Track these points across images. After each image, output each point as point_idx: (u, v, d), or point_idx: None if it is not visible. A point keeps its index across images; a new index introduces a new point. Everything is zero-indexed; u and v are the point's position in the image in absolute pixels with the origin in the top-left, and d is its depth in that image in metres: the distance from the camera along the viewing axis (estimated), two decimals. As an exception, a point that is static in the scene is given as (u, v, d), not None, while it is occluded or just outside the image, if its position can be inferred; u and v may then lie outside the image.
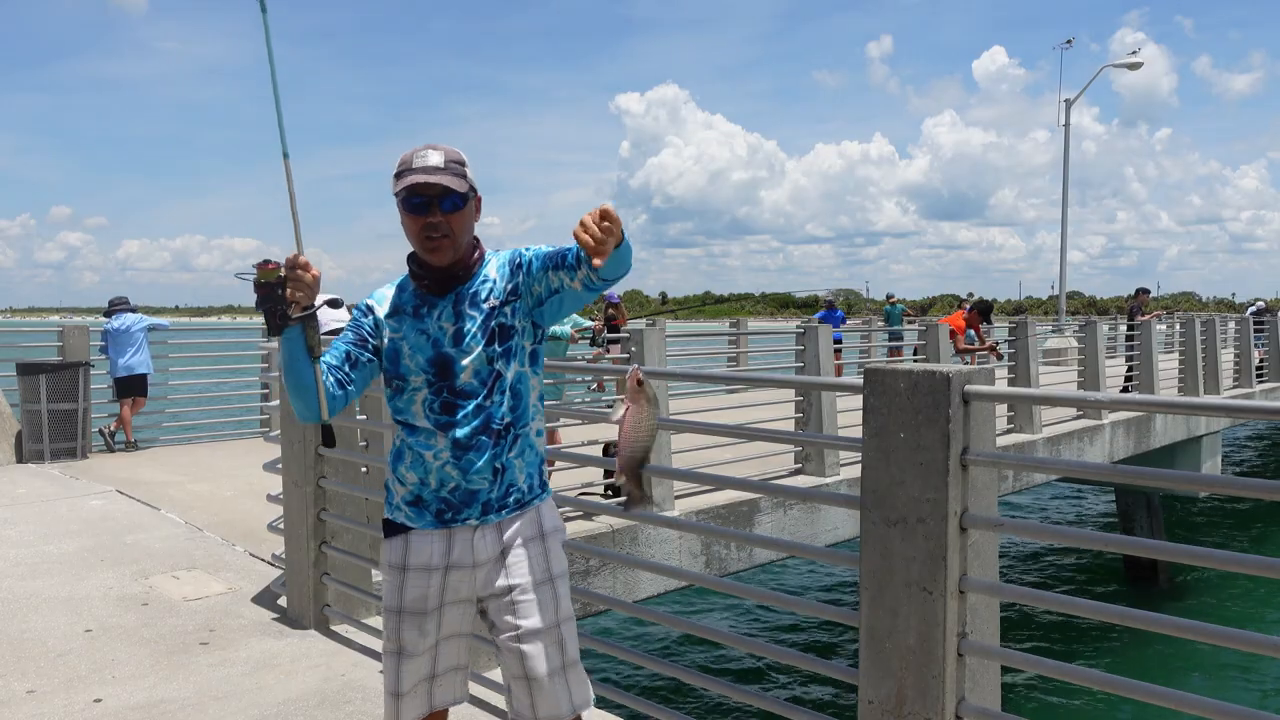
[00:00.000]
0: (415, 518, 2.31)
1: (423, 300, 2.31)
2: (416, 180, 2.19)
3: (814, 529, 7.80)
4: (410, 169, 2.22)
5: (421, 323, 2.30)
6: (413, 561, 2.29)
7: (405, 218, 2.25)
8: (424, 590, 2.28)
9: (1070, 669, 2.42)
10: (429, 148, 2.26)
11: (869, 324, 20.71)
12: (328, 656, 4.27)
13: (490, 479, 2.28)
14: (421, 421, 2.28)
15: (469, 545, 2.29)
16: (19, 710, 3.69)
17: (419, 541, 2.30)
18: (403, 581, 2.30)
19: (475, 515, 2.29)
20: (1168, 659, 10.36)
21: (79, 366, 9.71)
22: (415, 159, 2.24)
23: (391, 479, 2.36)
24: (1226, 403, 2.46)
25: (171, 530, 6.62)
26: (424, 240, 2.24)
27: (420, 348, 2.28)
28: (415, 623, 2.29)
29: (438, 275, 2.28)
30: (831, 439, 4.51)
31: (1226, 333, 17.01)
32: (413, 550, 2.30)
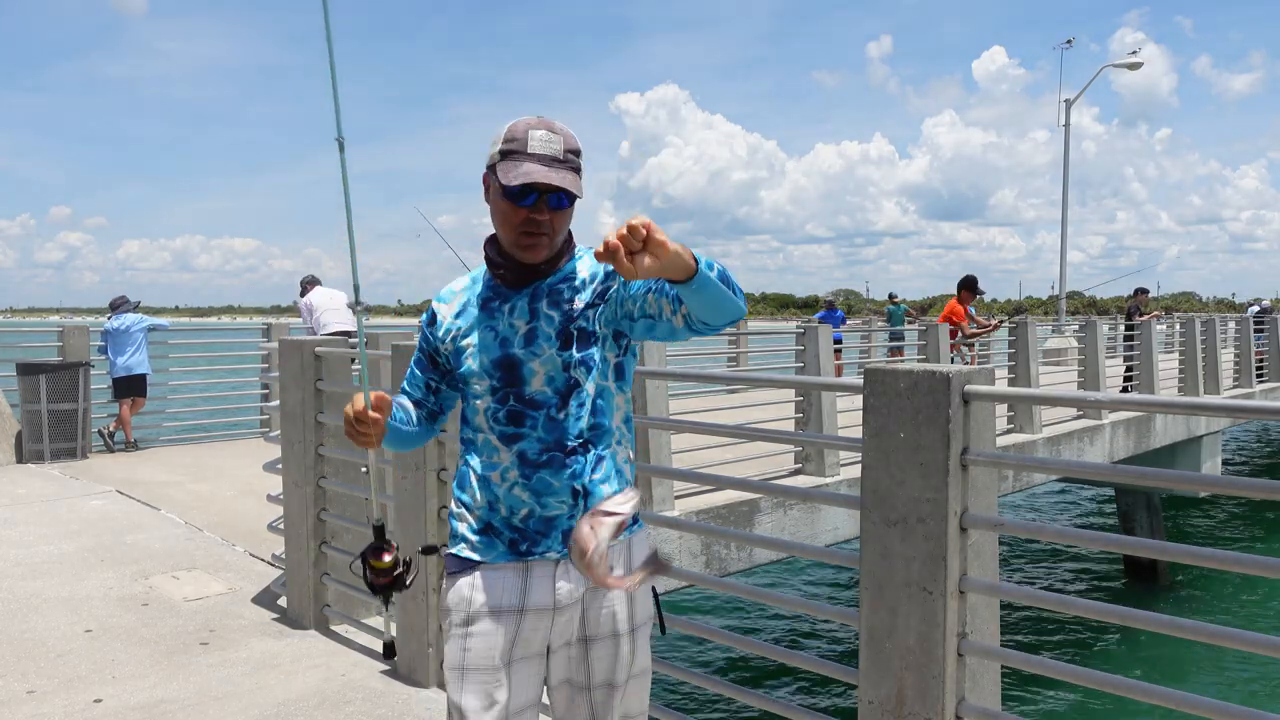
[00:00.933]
0: (485, 548, 1.95)
1: (495, 293, 2.01)
2: (535, 179, 1.86)
3: (814, 529, 7.80)
4: (526, 153, 1.89)
5: (491, 318, 1.99)
6: (480, 602, 1.92)
7: (503, 202, 1.92)
8: (492, 641, 1.91)
9: (1070, 669, 2.42)
10: (546, 126, 1.92)
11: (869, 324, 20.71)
12: (328, 656, 4.27)
13: (570, 503, 1.94)
14: (485, 434, 1.99)
15: (549, 583, 1.93)
16: (19, 710, 3.69)
17: (490, 578, 1.93)
18: (467, 633, 1.92)
19: (556, 546, 1.93)
20: (1168, 659, 10.35)
21: (79, 366, 9.71)
22: (533, 140, 1.90)
23: (456, 508, 2.03)
24: (1226, 403, 2.46)
25: (171, 530, 6.62)
26: (520, 235, 1.92)
27: (486, 346, 1.98)
28: (480, 683, 1.90)
29: (517, 267, 1.97)
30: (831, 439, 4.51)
31: (1226, 333, 17.00)
32: (480, 590, 1.93)
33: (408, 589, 2.13)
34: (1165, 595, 13.01)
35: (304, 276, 10.92)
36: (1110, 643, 11.00)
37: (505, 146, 1.91)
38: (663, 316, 1.86)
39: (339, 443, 4.70)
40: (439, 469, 3.89)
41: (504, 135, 1.93)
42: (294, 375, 4.75)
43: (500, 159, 1.91)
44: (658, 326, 1.90)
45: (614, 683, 2.00)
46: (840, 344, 13.67)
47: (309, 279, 10.92)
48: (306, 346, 4.72)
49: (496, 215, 1.95)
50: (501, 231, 1.96)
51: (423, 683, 3.92)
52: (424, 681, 3.92)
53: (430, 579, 3.90)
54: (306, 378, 4.68)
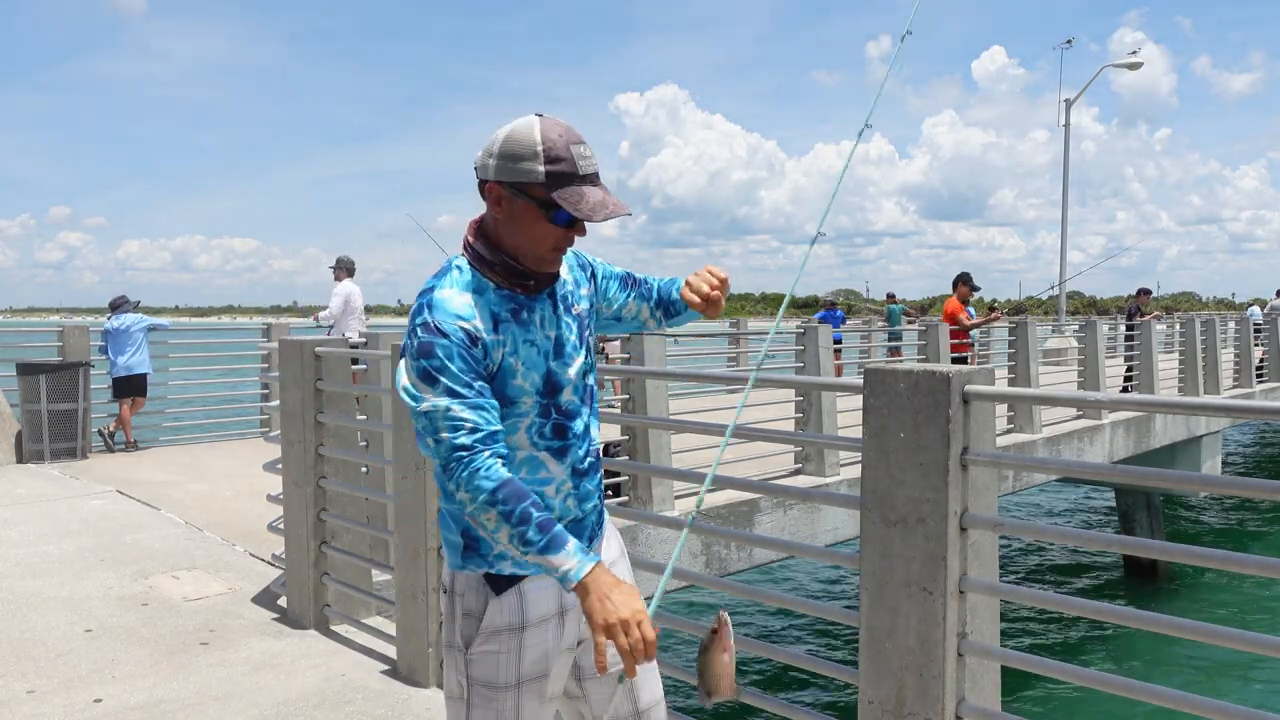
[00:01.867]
0: (526, 563, 1.90)
1: (518, 304, 1.91)
2: (611, 210, 1.84)
3: (814, 529, 7.80)
4: (579, 175, 1.83)
5: (528, 332, 1.91)
6: (532, 615, 1.92)
7: (539, 222, 1.85)
8: (544, 647, 1.93)
9: (1070, 669, 2.42)
10: (577, 137, 1.85)
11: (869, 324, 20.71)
12: (328, 656, 4.27)
13: (596, 504, 2.03)
14: (528, 450, 1.92)
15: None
16: (19, 710, 3.69)
17: (535, 590, 1.93)
18: (520, 644, 1.91)
19: (586, 545, 1.97)
20: (1168, 659, 10.36)
21: (79, 366, 9.71)
22: (580, 160, 1.83)
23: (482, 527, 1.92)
24: (1226, 403, 2.46)
25: (171, 530, 6.62)
26: (551, 251, 1.88)
27: (533, 363, 1.91)
28: (536, 691, 1.94)
29: (537, 275, 1.93)
30: (831, 439, 4.51)
31: (1226, 333, 17.01)
32: (529, 602, 1.92)
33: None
34: (1165, 595, 13.01)
35: (342, 258, 10.71)
36: (1110, 643, 11.00)
37: (551, 167, 1.81)
38: (638, 318, 2.18)
39: (339, 442, 4.71)
40: (439, 469, 3.88)
41: (540, 150, 1.82)
42: (294, 375, 4.75)
43: (549, 180, 1.82)
44: (623, 325, 2.19)
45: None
46: (840, 344, 13.68)
47: (348, 263, 10.73)
48: (306, 346, 4.72)
49: (523, 232, 1.86)
50: (526, 247, 1.88)
51: (423, 683, 3.92)
52: (424, 682, 3.92)
53: (430, 579, 3.90)
54: (306, 378, 4.68)
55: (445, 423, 1.78)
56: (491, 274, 1.90)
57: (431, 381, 1.79)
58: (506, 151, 1.84)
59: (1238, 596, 12.87)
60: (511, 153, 1.83)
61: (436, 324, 1.81)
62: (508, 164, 1.83)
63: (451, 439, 1.78)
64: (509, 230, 1.88)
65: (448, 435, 1.78)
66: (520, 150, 1.82)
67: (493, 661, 1.91)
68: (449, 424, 1.78)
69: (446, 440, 1.78)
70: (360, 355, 4.83)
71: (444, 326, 1.81)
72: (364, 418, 4.93)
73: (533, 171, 1.81)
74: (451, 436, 1.78)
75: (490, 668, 1.91)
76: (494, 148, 1.86)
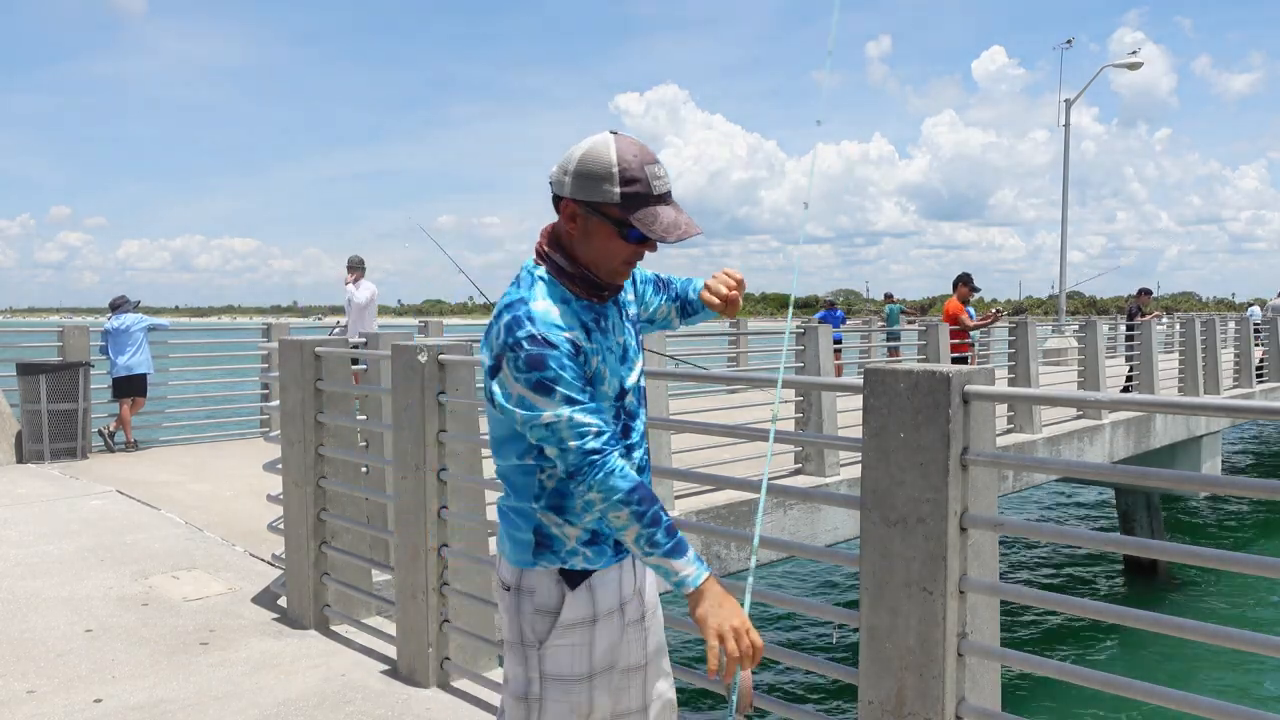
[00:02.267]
0: (595, 557, 2.01)
1: (594, 311, 2.00)
2: (684, 231, 1.91)
3: (814, 529, 7.80)
4: (654, 196, 1.90)
5: (606, 339, 2.01)
6: (601, 607, 2.01)
7: (613, 240, 1.92)
8: (611, 638, 2.03)
9: (1070, 669, 2.42)
10: (651, 156, 1.92)
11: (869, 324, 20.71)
12: (328, 656, 4.27)
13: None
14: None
15: (632, 571, 2.10)
16: (19, 710, 3.69)
17: (602, 583, 2.02)
18: (592, 636, 2.00)
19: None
20: (1168, 658, 10.35)
21: (79, 366, 9.71)
22: (654, 180, 1.90)
23: (555, 523, 1.99)
24: (1226, 403, 2.46)
25: (171, 530, 6.62)
26: (622, 265, 1.96)
27: (615, 369, 2.01)
28: (607, 682, 2.03)
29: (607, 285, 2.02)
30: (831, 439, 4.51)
31: (1226, 333, 17.01)
32: (598, 595, 2.01)
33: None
34: (1165, 595, 13.01)
35: (354, 258, 10.69)
36: (1110, 643, 11.00)
37: (626, 189, 1.88)
38: (667, 319, 2.29)
39: (339, 442, 4.71)
40: (440, 469, 3.89)
41: (616, 171, 1.88)
42: (294, 375, 4.75)
43: (624, 201, 1.88)
44: (654, 327, 2.28)
45: (661, 642, 2.20)
46: (840, 344, 13.67)
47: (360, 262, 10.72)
48: (306, 346, 4.72)
49: (598, 248, 1.94)
50: (599, 259, 1.95)
51: (423, 683, 3.92)
52: (424, 682, 3.92)
53: (430, 579, 3.90)
54: (306, 378, 4.68)
55: (570, 430, 1.86)
56: (571, 285, 1.97)
57: (548, 392, 1.85)
58: (582, 171, 1.90)
59: (1238, 596, 12.87)
60: (587, 172, 1.89)
61: (544, 336, 1.87)
62: (583, 183, 1.90)
63: (581, 445, 1.86)
64: (583, 246, 1.95)
65: (576, 442, 1.86)
66: (596, 170, 1.89)
67: (568, 655, 1.98)
68: (575, 431, 1.86)
69: (575, 447, 1.85)
70: (360, 355, 4.83)
71: (551, 338, 1.87)
72: (364, 418, 4.92)
73: (608, 192, 1.88)
74: (580, 443, 1.86)
75: (565, 661, 1.98)
76: (569, 165, 1.92)
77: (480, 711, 3.70)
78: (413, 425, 3.92)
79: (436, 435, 3.88)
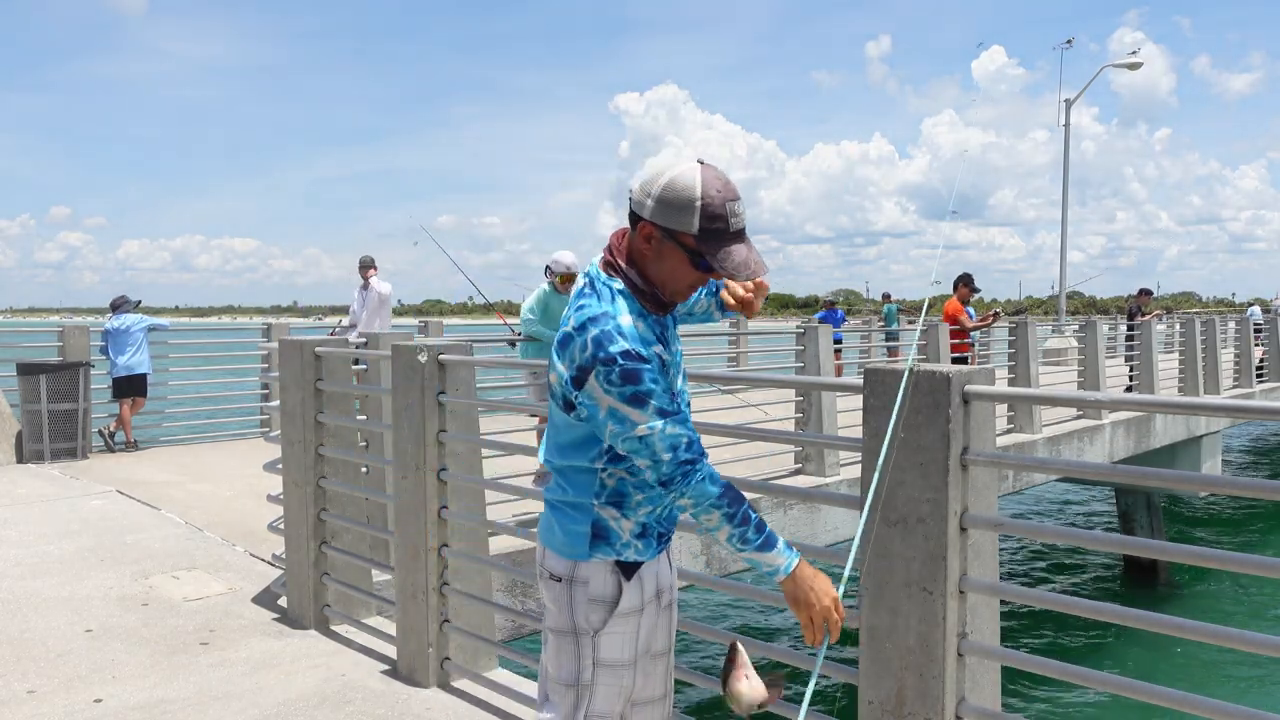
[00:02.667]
0: (645, 550, 2.13)
1: (660, 325, 2.10)
2: (755, 271, 2.01)
3: (814, 529, 7.80)
4: (730, 233, 1.98)
5: (670, 350, 2.12)
6: (648, 595, 2.14)
7: (683, 265, 2.00)
8: (651, 623, 2.16)
9: (1070, 669, 2.42)
10: (733, 193, 1.98)
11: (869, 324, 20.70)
12: (328, 656, 4.27)
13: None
14: None
15: (668, 563, 2.24)
16: (19, 710, 3.69)
17: (649, 573, 2.15)
18: (639, 623, 2.12)
19: (672, 534, 2.24)
20: (1167, 659, 10.35)
21: (79, 366, 9.71)
22: (732, 217, 1.97)
23: (614, 517, 2.09)
24: (1226, 403, 2.46)
25: (171, 530, 6.62)
26: (687, 289, 2.06)
27: (681, 376, 2.18)
28: (646, 664, 2.16)
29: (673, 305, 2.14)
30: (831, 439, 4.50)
31: (1226, 333, 17.01)
32: (646, 584, 2.14)
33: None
34: (1165, 595, 13.01)
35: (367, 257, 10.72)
36: (1110, 643, 10.99)
37: (706, 225, 1.94)
38: (707, 312, 2.36)
39: (339, 442, 4.71)
40: (440, 469, 3.89)
41: (698, 205, 1.94)
42: (294, 375, 4.75)
43: (700, 235, 1.95)
44: (693, 319, 2.36)
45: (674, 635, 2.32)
46: (840, 344, 13.66)
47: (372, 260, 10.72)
48: (306, 346, 4.72)
49: (668, 271, 2.01)
50: (668, 280, 2.04)
51: (422, 683, 3.92)
52: (424, 682, 3.92)
53: (430, 579, 3.90)
54: (306, 378, 4.68)
55: (664, 442, 1.94)
56: (644, 301, 2.05)
57: (642, 405, 1.92)
58: (666, 197, 1.95)
59: (1237, 597, 12.87)
60: (671, 200, 1.95)
61: (636, 351, 1.94)
62: (665, 210, 1.96)
63: (675, 456, 1.95)
64: (655, 266, 2.03)
65: (669, 455, 1.95)
66: (679, 200, 1.95)
67: (619, 641, 2.10)
68: (667, 443, 1.94)
69: (669, 459, 1.95)
70: (360, 355, 4.83)
71: (642, 352, 1.95)
72: (364, 418, 4.92)
73: (688, 224, 1.95)
74: (674, 455, 1.95)
75: (617, 647, 2.10)
76: (653, 189, 1.97)
77: (480, 711, 3.70)
78: (413, 425, 3.92)
79: (436, 435, 3.88)
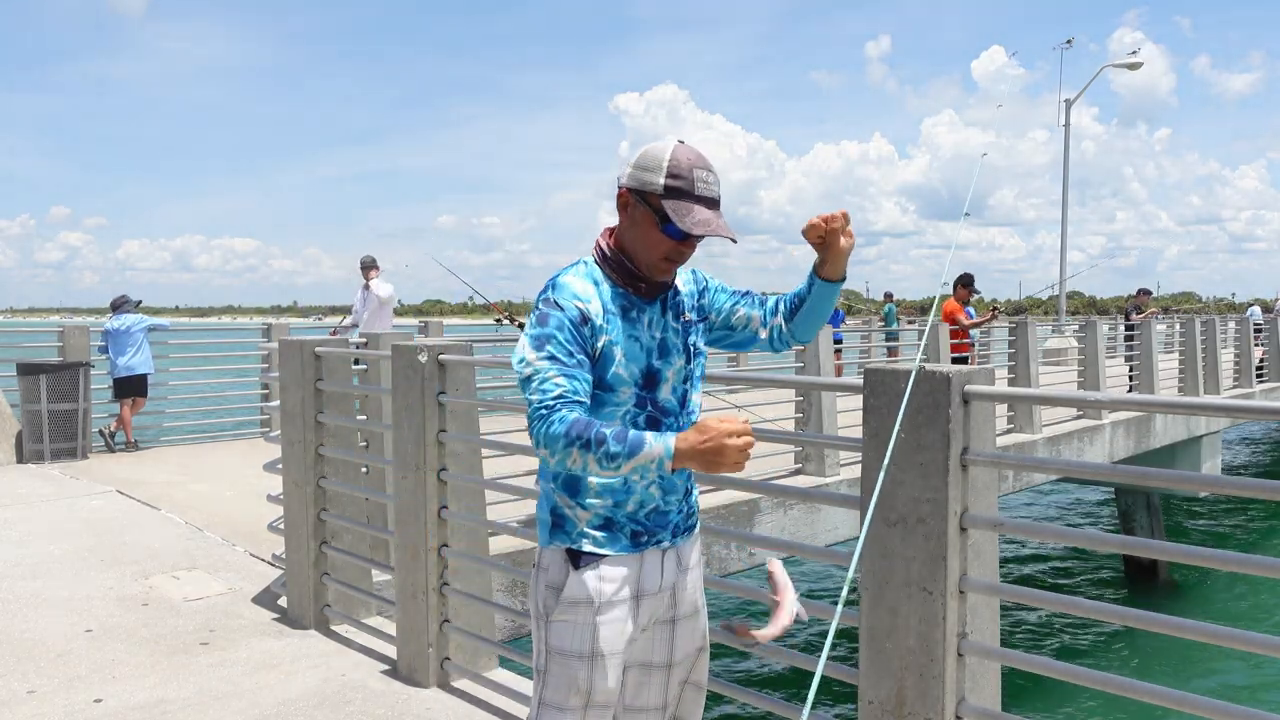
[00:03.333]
0: (607, 543, 2.08)
1: (630, 302, 2.09)
2: (713, 230, 2.01)
3: (814, 529, 7.80)
4: (694, 195, 2.01)
5: (633, 328, 2.09)
6: (608, 594, 2.07)
7: (653, 230, 2.03)
8: (619, 626, 2.08)
9: (1070, 669, 2.42)
10: (706, 164, 2.04)
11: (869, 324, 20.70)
12: (328, 656, 4.27)
13: (681, 499, 2.17)
14: None
15: (658, 569, 2.13)
16: (19, 710, 3.69)
17: (612, 570, 2.08)
18: (595, 620, 2.06)
19: (666, 538, 2.14)
20: (1167, 659, 10.36)
21: (79, 366, 9.71)
22: (699, 181, 2.02)
23: (567, 504, 2.09)
24: (1226, 403, 2.46)
25: (171, 530, 6.62)
26: (664, 261, 2.07)
27: (634, 356, 2.08)
28: (609, 666, 2.08)
29: (651, 281, 2.11)
30: (831, 439, 4.51)
31: (1226, 333, 17.01)
32: (607, 581, 2.07)
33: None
34: (1165, 595, 13.01)
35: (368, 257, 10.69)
36: (1110, 643, 10.99)
37: (671, 182, 2.01)
38: (747, 328, 2.25)
39: (339, 442, 4.71)
40: (440, 469, 3.89)
41: (665, 165, 2.02)
42: (294, 375, 4.75)
43: (665, 194, 2.01)
44: (733, 336, 2.26)
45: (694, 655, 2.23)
46: (840, 344, 13.67)
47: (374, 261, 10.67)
48: (306, 346, 4.72)
49: (640, 237, 2.06)
50: (640, 251, 2.07)
51: (423, 683, 3.92)
52: (424, 682, 3.92)
53: (430, 579, 3.90)
54: (306, 378, 4.68)
55: (538, 383, 1.95)
56: (609, 271, 2.09)
57: (539, 346, 1.97)
58: (639, 163, 2.06)
59: (1237, 596, 12.87)
60: (642, 164, 2.05)
61: (555, 300, 2.01)
62: (637, 173, 2.05)
63: (540, 399, 1.93)
64: (630, 234, 2.08)
65: (537, 396, 1.94)
66: (649, 163, 2.04)
67: (569, 631, 2.07)
68: (540, 384, 1.94)
69: (535, 400, 1.94)
70: (360, 355, 4.83)
71: (561, 302, 2.00)
72: (364, 418, 4.92)
73: (654, 182, 2.02)
74: (541, 397, 1.93)
75: (566, 636, 2.07)
76: (631, 158, 2.09)
77: (480, 711, 3.70)
78: (413, 425, 3.92)
79: (436, 435, 3.88)
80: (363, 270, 10.75)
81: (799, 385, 8.08)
